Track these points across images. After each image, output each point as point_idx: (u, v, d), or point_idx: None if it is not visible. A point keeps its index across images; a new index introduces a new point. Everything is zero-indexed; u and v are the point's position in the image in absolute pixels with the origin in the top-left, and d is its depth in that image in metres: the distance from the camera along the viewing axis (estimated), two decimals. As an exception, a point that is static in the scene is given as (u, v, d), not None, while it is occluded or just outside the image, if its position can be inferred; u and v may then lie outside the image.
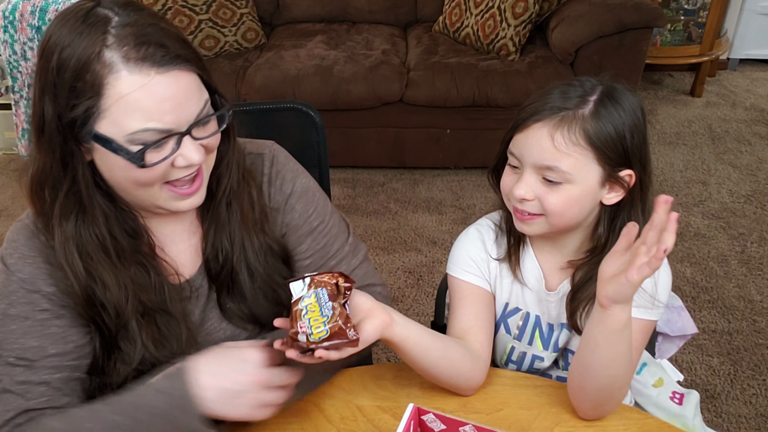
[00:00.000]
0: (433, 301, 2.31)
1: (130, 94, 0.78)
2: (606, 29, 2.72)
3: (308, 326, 0.80)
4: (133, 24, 0.79)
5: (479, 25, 2.98)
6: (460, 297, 1.08)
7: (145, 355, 0.91)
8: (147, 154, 0.81)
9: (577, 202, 0.96)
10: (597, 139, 0.93)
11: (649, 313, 1.00)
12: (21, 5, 2.85)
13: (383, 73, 2.85)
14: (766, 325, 2.21)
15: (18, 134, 3.04)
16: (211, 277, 0.98)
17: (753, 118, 3.51)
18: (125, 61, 0.77)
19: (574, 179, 0.94)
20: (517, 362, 1.14)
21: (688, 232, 2.66)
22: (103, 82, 0.77)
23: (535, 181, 0.96)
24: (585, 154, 0.94)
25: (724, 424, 1.87)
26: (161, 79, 0.79)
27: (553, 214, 0.97)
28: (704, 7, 3.50)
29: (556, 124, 0.93)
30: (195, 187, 0.88)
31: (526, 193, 0.96)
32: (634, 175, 0.97)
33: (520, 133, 0.96)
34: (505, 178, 1.01)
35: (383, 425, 0.96)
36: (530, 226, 1.00)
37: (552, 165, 0.93)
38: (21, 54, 2.90)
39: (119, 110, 0.78)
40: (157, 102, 0.79)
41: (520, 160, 0.97)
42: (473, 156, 3.01)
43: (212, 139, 0.87)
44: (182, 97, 0.81)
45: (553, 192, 0.95)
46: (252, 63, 2.98)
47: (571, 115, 0.93)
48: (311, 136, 1.30)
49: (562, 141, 0.93)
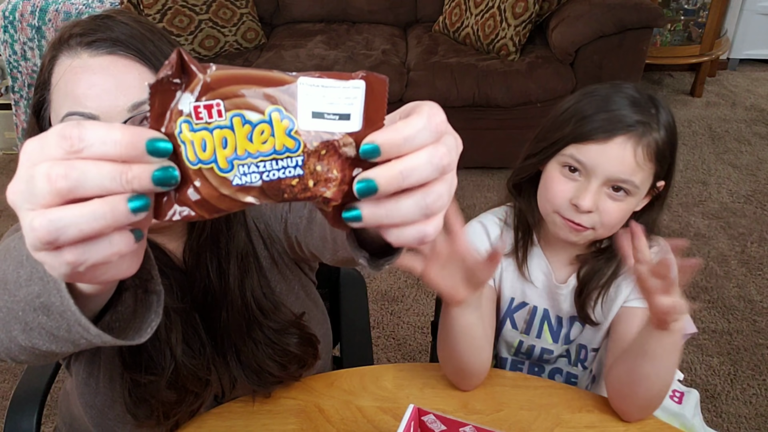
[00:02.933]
0: (433, 301, 2.31)
1: (62, 78, 0.75)
2: (606, 29, 2.72)
3: None
4: (98, 17, 0.78)
5: (479, 25, 2.98)
6: None
7: (183, 362, 0.88)
8: None
9: (627, 214, 0.97)
10: (662, 152, 0.95)
11: None
12: (21, 5, 2.85)
13: (383, 73, 2.84)
14: (766, 325, 2.21)
15: (18, 134, 3.04)
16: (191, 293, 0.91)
17: (753, 118, 3.51)
18: (66, 47, 0.76)
19: (637, 192, 0.95)
20: (526, 353, 1.15)
21: (688, 232, 2.66)
22: (51, 70, 0.77)
23: (600, 192, 0.95)
24: (651, 168, 0.95)
25: (724, 424, 1.87)
26: (90, 62, 0.75)
27: (605, 227, 0.97)
28: (704, 7, 3.50)
29: (638, 139, 0.93)
30: None
31: (593, 205, 0.94)
32: (665, 185, 0.99)
33: (596, 145, 0.94)
34: (558, 186, 0.98)
35: (383, 426, 0.96)
36: (579, 236, 0.99)
37: (628, 179, 0.93)
38: (21, 54, 2.90)
39: (57, 96, 0.76)
40: (82, 85, 0.74)
41: (590, 170, 0.95)
42: (473, 156, 3.01)
43: None
44: (111, 84, 0.74)
45: (613, 204, 0.95)
46: (252, 63, 2.97)
47: (648, 128, 0.93)
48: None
49: (642, 156, 0.93)
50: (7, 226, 2.79)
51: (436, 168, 0.43)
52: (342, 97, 0.41)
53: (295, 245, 0.92)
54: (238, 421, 0.97)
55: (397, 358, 2.13)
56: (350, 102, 0.41)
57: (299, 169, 0.41)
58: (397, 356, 2.13)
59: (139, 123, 0.74)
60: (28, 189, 0.38)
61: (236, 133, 0.40)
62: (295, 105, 0.40)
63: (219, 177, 0.40)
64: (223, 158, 0.40)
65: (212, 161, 0.40)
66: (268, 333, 0.93)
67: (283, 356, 0.94)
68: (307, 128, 0.41)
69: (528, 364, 1.18)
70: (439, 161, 0.43)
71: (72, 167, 0.37)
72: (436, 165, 0.43)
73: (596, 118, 0.94)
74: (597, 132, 0.94)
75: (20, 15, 2.84)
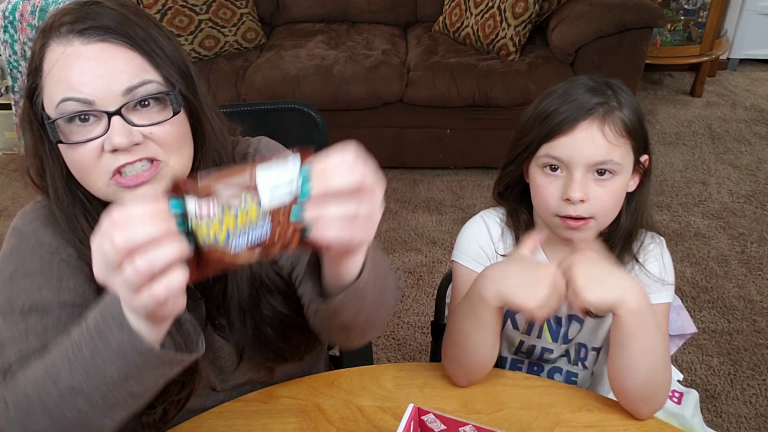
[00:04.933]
0: (433, 301, 2.31)
1: (55, 65, 0.77)
2: (606, 29, 2.72)
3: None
4: (85, 4, 0.79)
5: (479, 25, 2.98)
6: (466, 286, 1.07)
7: None
8: (66, 129, 0.78)
9: (621, 195, 0.99)
10: (632, 127, 0.97)
11: (660, 296, 1.03)
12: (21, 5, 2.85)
13: (383, 73, 2.85)
14: (766, 325, 2.21)
15: (18, 134, 3.04)
16: (199, 286, 0.95)
17: (753, 118, 3.51)
18: (56, 35, 0.78)
19: (621, 170, 0.97)
20: (526, 353, 1.15)
21: (688, 232, 2.66)
22: (42, 57, 0.78)
23: (586, 180, 0.96)
24: (627, 144, 0.97)
25: (724, 424, 1.87)
26: (83, 49, 0.77)
27: (603, 213, 0.98)
28: (704, 7, 3.50)
29: (602, 119, 0.95)
30: (143, 177, 0.80)
31: (583, 194, 0.95)
32: (648, 159, 1.01)
33: (563, 137, 0.96)
34: (546, 189, 0.99)
35: (383, 425, 0.96)
36: (582, 232, 1.00)
37: (606, 159, 0.95)
38: (21, 54, 2.90)
39: (50, 83, 0.78)
40: (76, 71, 0.76)
41: (568, 162, 0.96)
42: (473, 156, 3.01)
43: (162, 130, 0.80)
44: (104, 70, 0.77)
45: (603, 189, 0.97)
46: (252, 63, 2.98)
47: (608, 107, 0.96)
48: (313, 136, 1.30)
49: (612, 134, 0.95)
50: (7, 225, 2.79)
51: (353, 180, 0.61)
52: (286, 170, 0.60)
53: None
54: (238, 421, 0.97)
55: (397, 358, 2.13)
56: (292, 173, 0.60)
57: (268, 229, 0.60)
58: (397, 356, 2.13)
59: (133, 107, 0.79)
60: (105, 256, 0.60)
61: (225, 218, 0.59)
62: (257, 187, 0.59)
63: (221, 251, 0.61)
64: (222, 238, 0.60)
65: (215, 242, 0.60)
66: (275, 304, 0.95)
67: (287, 328, 0.96)
68: (269, 200, 0.60)
69: (527, 363, 1.18)
70: (355, 176, 0.61)
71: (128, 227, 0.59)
72: (352, 179, 0.61)
73: (558, 113, 0.97)
74: (561, 124, 0.96)
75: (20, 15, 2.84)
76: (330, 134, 1.33)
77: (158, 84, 0.80)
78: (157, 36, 0.82)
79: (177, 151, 0.83)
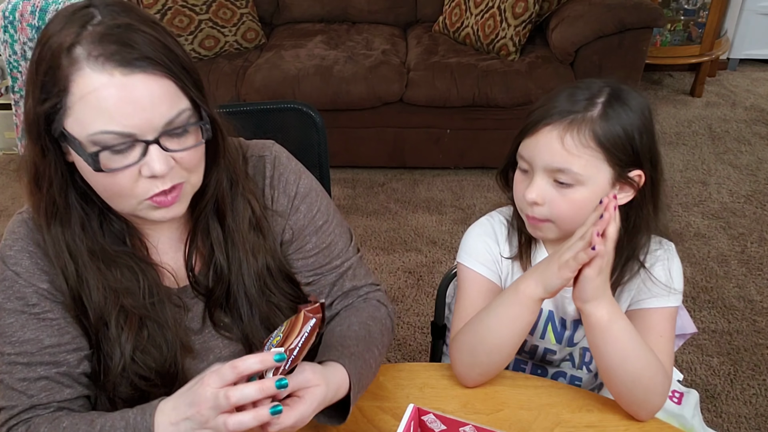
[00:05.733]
0: (433, 302, 2.30)
1: (92, 93, 0.75)
2: (606, 29, 2.72)
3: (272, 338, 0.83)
4: (109, 22, 0.77)
5: (479, 25, 2.98)
6: (471, 289, 1.08)
7: (135, 360, 0.90)
8: (104, 157, 0.78)
9: (587, 205, 0.95)
10: (606, 140, 0.93)
11: (666, 300, 1.02)
12: (21, 5, 2.85)
13: (383, 73, 2.85)
14: (766, 325, 2.21)
15: (18, 134, 3.04)
16: (199, 290, 0.97)
17: (753, 118, 3.51)
18: (90, 59, 0.75)
19: (585, 180, 0.95)
20: (528, 352, 1.15)
21: (688, 232, 2.66)
22: (69, 78, 0.76)
23: (546, 184, 0.96)
24: (595, 156, 0.94)
25: (724, 424, 1.87)
26: (125, 81, 0.76)
27: (562, 219, 0.97)
28: (704, 7, 3.51)
29: (565, 127, 0.94)
30: (171, 199, 0.84)
31: (538, 196, 0.96)
32: (643, 175, 0.97)
33: (530, 137, 0.97)
34: (517, 185, 1.01)
35: (383, 425, 0.96)
36: (542, 231, 1.01)
37: (563, 167, 0.94)
38: (21, 54, 2.90)
39: (82, 109, 0.76)
40: (118, 104, 0.76)
41: (531, 163, 0.97)
42: (473, 156, 3.01)
43: (189, 154, 0.83)
44: (147, 102, 0.77)
45: (563, 196, 0.96)
46: (252, 63, 2.98)
47: (580, 117, 0.94)
48: (312, 136, 1.30)
49: (572, 143, 0.93)
50: (7, 226, 2.79)
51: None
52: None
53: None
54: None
55: (397, 358, 2.13)
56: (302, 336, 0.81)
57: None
58: (397, 356, 2.13)
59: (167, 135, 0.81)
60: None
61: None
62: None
63: None
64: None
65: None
66: (284, 288, 1.00)
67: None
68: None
69: (531, 365, 1.18)
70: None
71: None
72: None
73: (534, 113, 0.97)
74: (530, 126, 0.97)
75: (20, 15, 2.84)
76: (330, 134, 1.33)
77: (190, 111, 0.82)
78: (176, 50, 0.81)
79: (197, 170, 0.87)
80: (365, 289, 1.06)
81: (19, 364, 0.87)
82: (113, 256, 0.89)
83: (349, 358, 0.90)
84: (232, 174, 0.94)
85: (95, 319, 0.89)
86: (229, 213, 0.94)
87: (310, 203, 1.02)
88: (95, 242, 0.88)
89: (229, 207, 0.94)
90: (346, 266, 1.04)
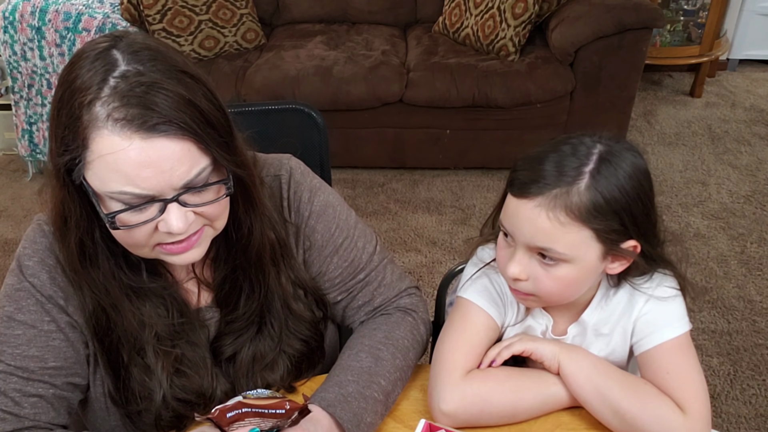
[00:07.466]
0: (433, 302, 2.30)
1: (110, 155, 0.74)
2: (605, 30, 2.72)
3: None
4: (132, 78, 0.74)
5: (479, 26, 2.98)
6: (475, 322, 0.99)
7: (173, 385, 0.91)
8: (122, 217, 0.78)
9: (575, 282, 0.90)
10: (593, 216, 0.85)
11: (660, 336, 0.94)
12: (21, 5, 2.85)
13: (383, 73, 2.85)
14: (766, 325, 2.21)
15: (18, 135, 3.04)
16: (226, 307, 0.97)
17: (753, 119, 3.51)
18: (109, 120, 0.73)
19: (571, 259, 0.87)
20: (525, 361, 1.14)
21: (688, 233, 2.66)
22: (89, 136, 0.74)
23: (530, 259, 0.89)
24: (582, 233, 0.86)
25: (724, 424, 1.87)
26: (143, 146, 0.73)
27: (548, 296, 0.91)
28: (704, 8, 3.51)
29: (549, 203, 0.85)
30: (185, 246, 0.83)
31: (521, 273, 0.89)
32: (639, 245, 0.90)
33: (511, 204, 0.89)
34: (500, 251, 0.93)
35: (383, 427, 0.96)
36: (527, 303, 0.97)
37: (547, 246, 0.86)
38: (21, 54, 2.90)
39: (101, 167, 0.75)
40: (137, 168, 0.74)
41: (512, 234, 0.89)
42: (473, 156, 3.01)
43: (211, 207, 0.82)
44: (166, 165, 0.75)
45: (548, 273, 0.88)
46: (252, 63, 2.98)
47: (565, 191, 0.85)
48: (313, 137, 1.30)
49: (557, 221, 0.85)
50: (7, 226, 2.79)
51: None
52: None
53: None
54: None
55: (397, 358, 2.12)
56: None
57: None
58: (397, 356, 2.13)
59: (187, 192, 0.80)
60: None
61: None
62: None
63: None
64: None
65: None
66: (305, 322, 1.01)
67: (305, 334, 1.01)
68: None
69: None
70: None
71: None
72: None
73: (518, 175, 0.88)
74: (514, 187, 0.88)
75: (20, 15, 2.84)
76: (330, 135, 1.33)
77: (211, 168, 0.80)
78: (201, 104, 0.77)
79: (221, 217, 0.86)
80: (395, 300, 1.05)
81: (16, 376, 0.86)
82: (141, 286, 0.89)
83: (341, 403, 0.89)
84: (265, 225, 0.93)
85: (129, 350, 0.89)
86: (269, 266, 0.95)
87: (327, 221, 1.00)
88: (125, 275, 0.88)
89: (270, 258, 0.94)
90: (372, 277, 1.03)
